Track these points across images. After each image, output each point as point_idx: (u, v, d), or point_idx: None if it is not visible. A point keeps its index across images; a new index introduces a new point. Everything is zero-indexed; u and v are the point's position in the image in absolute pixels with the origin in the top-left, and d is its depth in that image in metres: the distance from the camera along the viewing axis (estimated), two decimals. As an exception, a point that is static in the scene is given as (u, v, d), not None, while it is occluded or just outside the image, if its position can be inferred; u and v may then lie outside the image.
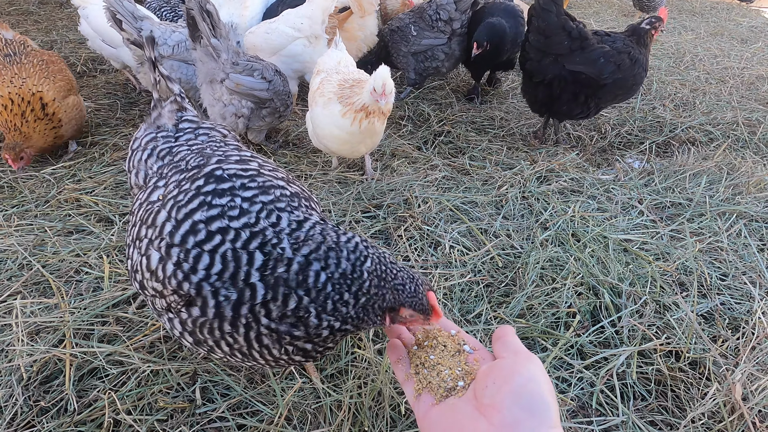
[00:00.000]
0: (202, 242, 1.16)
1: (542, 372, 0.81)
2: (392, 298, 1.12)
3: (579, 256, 2.29)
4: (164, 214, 1.24)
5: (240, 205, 1.22)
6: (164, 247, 1.19)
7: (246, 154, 1.48)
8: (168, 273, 1.17)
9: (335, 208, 2.70)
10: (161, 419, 1.59)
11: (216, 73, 2.92)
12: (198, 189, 1.27)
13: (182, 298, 1.18)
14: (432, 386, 0.90)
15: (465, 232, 2.53)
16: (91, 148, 3.13)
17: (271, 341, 1.18)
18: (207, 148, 1.50)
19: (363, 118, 2.54)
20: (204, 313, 1.17)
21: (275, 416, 1.59)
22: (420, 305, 1.10)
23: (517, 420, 0.74)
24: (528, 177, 2.99)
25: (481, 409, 0.79)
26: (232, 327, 1.17)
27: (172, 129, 1.57)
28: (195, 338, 1.25)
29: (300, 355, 1.23)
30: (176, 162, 1.44)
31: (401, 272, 1.14)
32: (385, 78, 2.41)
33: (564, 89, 3.12)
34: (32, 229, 2.41)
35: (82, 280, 2.11)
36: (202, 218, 1.19)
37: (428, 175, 3.00)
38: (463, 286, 2.18)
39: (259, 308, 1.14)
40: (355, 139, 2.65)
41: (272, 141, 3.38)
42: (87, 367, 1.73)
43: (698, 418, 1.64)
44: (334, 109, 2.60)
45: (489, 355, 0.94)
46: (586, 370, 1.80)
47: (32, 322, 1.86)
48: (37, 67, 2.85)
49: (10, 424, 1.54)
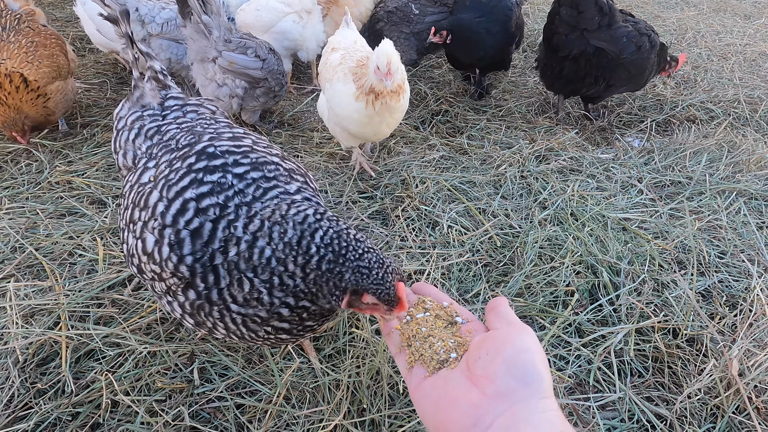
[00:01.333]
0: (190, 221, 1.13)
1: (535, 343, 0.80)
2: (353, 280, 1.01)
3: (578, 235, 2.28)
4: (156, 195, 1.21)
5: (231, 182, 1.18)
6: (158, 229, 1.16)
7: (239, 131, 1.44)
8: (164, 255, 1.15)
9: (332, 188, 2.67)
10: (159, 399, 1.59)
11: (208, 51, 2.84)
12: (189, 167, 1.23)
13: (181, 281, 1.16)
14: (424, 358, 0.89)
15: (463, 212, 2.51)
16: (81, 129, 3.07)
17: (253, 324, 1.17)
18: (197, 126, 1.45)
19: (374, 100, 2.33)
20: (199, 296, 1.16)
21: (274, 396, 1.60)
22: (386, 295, 0.99)
23: (510, 390, 0.73)
24: (527, 156, 2.96)
25: (473, 380, 0.79)
26: (218, 312, 1.16)
27: (157, 107, 1.51)
28: (195, 320, 1.24)
29: (284, 333, 1.21)
30: (166, 141, 1.40)
31: (368, 253, 1.03)
32: (389, 54, 2.19)
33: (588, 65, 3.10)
34: (24, 211, 2.37)
35: (76, 263, 2.08)
36: (192, 196, 1.16)
37: (426, 155, 2.96)
38: (461, 266, 2.17)
39: (227, 295, 1.12)
40: (375, 121, 2.43)
41: (267, 121, 3.32)
42: (83, 349, 1.72)
43: (694, 394, 1.65)
44: (350, 89, 2.39)
45: (482, 326, 0.93)
46: (584, 348, 1.81)
47: (26, 304, 1.84)
48: (23, 49, 2.74)
49: (8, 406, 1.54)
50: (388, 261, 1.05)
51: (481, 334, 0.89)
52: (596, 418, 1.58)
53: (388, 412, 1.55)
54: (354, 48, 2.55)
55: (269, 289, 1.09)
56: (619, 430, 1.58)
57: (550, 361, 1.76)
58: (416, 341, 0.93)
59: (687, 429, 1.55)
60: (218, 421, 1.56)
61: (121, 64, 3.89)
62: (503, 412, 0.71)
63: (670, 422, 1.59)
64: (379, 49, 2.20)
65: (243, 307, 1.13)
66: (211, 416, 1.58)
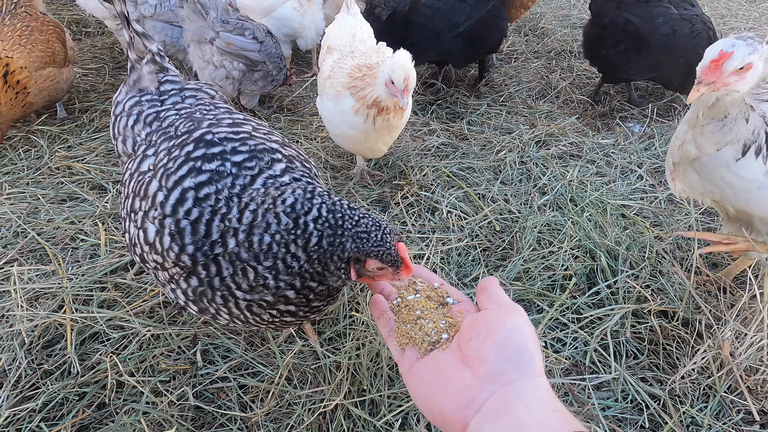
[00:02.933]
0: (189, 211, 1.14)
1: (527, 323, 0.81)
2: (354, 248, 1.02)
3: (577, 220, 2.29)
4: (155, 184, 1.21)
5: (229, 170, 1.18)
6: (158, 219, 1.17)
7: (239, 117, 1.43)
8: (166, 246, 1.15)
9: (332, 173, 2.67)
10: (164, 380, 1.62)
11: (205, 32, 2.81)
12: (188, 155, 1.23)
13: (183, 270, 1.17)
14: (416, 340, 0.89)
15: (463, 197, 2.51)
16: (80, 114, 3.05)
17: (258, 309, 1.18)
18: (197, 112, 1.44)
19: (376, 115, 2.07)
20: (201, 283, 1.17)
21: (276, 376, 1.63)
22: (388, 255, 1.00)
23: (502, 371, 0.74)
24: (527, 142, 2.95)
25: (465, 361, 0.80)
26: (222, 299, 1.17)
27: (155, 92, 1.50)
28: (199, 306, 1.25)
29: (290, 316, 1.22)
30: (165, 128, 1.39)
31: (365, 219, 1.04)
32: (406, 68, 1.87)
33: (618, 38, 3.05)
34: (25, 197, 2.38)
35: (78, 248, 2.10)
36: (191, 185, 1.16)
37: (426, 142, 2.95)
38: (460, 251, 2.19)
39: (230, 282, 1.13)
40: (371, 139, 2.20)
41: (266, 107, 3.30)
42: (88, 332, 1.75)
43: (688, 374, 1.68)
44: (345, 104, 2.12)
45: (473, 306, 0.94)
46: (581, 330, 1.84)
47: (30, 288, 1.86)
48: (17, 32, 2.71)
49: (15, 386, 1.57)
50: (384, 223, 1.05)
51: (472, 314, 0.90)
52: (592, 398, 1.62)
53: (388, 393, 1.58)
54: (352, 46, 2.32)
55: (275, 275, 1.09)
56: (613, 409, 1.61)
57: (547, 343, 1.79)
58: (407, 323, 0.93)
59: (680, 408, 1.59)
60: (222, 401, 1.59)
61: (118, 47, 3.85)
62: (495, 392, 0.72)
63: (664, 401, 1.62)
64: (394, 62, 1.90)
65: (249, 293, 1.14)
66: (215, 396, 1.61)
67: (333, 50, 2.38)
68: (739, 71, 1.43)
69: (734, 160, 1.57)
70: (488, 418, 0.70)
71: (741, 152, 1.56)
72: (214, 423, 1.54)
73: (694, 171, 1.71)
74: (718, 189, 1.68)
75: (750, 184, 1.59)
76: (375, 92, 2.02)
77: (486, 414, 0.71)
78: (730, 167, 1.59)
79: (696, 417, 1.57)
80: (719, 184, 1.65)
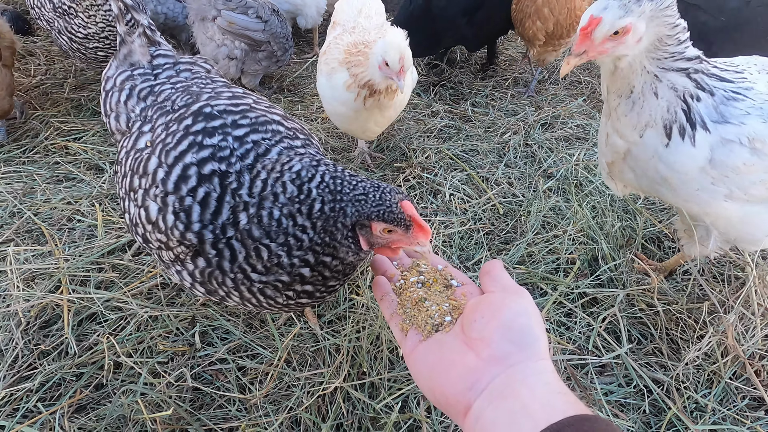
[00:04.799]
0: (194, 189, 1.10)
1: (531, 305, 0.79)
2: (355, 211, 0.99)
3: (577, 209, 2.25)
4: (155, 161, 1.17)
5: (231, 146, 1.14)
6: (160, 196, 1.12)
7: (238, 90, 1.38)
8: (169, 224, 1.12)
9: (332, 155, 2.63)
10: (162, 361, 1.61)
11: (207, 9, 2.73)
12: (187, 129, 1.18)
13: (189, 249, 1.13)
14: (419, 322, 0.87)
15: (466, 179, 2.47)
16: (79, 92, 2.99)
17: (273, 292, 1.15)
18: (193, 86, 1.39)
19: (368, 96, 1.97)
20: (209, 263, 1.13)
21: (275, 359, 1.61)
22: (390, 214, 0.96)
23: (506, 353, 0.73)
24: (532, 124, 2.89)
25: (469, 344, 0.78)
26: (233, 282, 1.14)
27: (147, 66, 1.45)
28: (206, 288, 1.21)
29: (306, 297, 1.19)
30: (161, 103, 1.34)
31: (363, 182, 1.02)
32: (401, 48, 1.75)
33: None
34: (20, 176, 2.34)
35: (75, 228, 2.07)
36: (193, 161, 1.12)
37: (428, 124, 2.89)
38: (463, 234, 2.15)
39: (245, 265, 1.09)
40: (362, 117, 2.11)
41: (266, 87, 3.24)
42: (85, 313, 1.73)
43: (692, 360, 1.66)
44: (338, 80, 2.03)
45: (477, 289, 0.92)
46: (584, 313, 1.81)
47: (27, 268, 1.84)
48: None
49: (12, 366, 1.56)
50: (385, 185, 1.02)
51: (476, 297, 0.88)
52: (594, 382, 1.60)
53: (388, 376, 1.57)
54: (355, 22, 2.22)
55: (288, 252, 1.06)
56: (616, 394, 1.60)
57: (550, 327, 1.77)
58: (410, 305, 0.91)
59: (684, 393, 1.57)
60: (220, 382, 1.58)
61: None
62: (499, 374, 0.71)
63: (667, 387, 1.60)
64: (387, 42, 1.77)
65: (265, 275, 1.10)
66: (213, 378, 1.60)
67: (337, 25, 2.31)
68: (615, 36, 1.25)
69: (663, 146, 1.37)
70: (492, 400, 0.69)
71: (665, 135, 1.36)
72: (212, 404, 1.53)
73: (630, 169, 1.52)
74: (656, 186, 1.49)
75: (685, 180, 1.39)
76: (368, 74, 1.91)
77: (489, 396, 0.69)
78: (662, 156, 1.39)
79: (700, 402, 1.55)
80: (655, 178, 1.46)
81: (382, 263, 1.04)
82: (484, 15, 3.01)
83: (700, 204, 1.45)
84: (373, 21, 2.30)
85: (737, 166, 1.34)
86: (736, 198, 1.40)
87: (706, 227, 1.57)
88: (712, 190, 1.39)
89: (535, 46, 3.00)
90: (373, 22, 2.29)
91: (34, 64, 3.18)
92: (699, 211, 1.49)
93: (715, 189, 1.38)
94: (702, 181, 1.38)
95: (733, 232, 1.52)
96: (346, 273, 1.19)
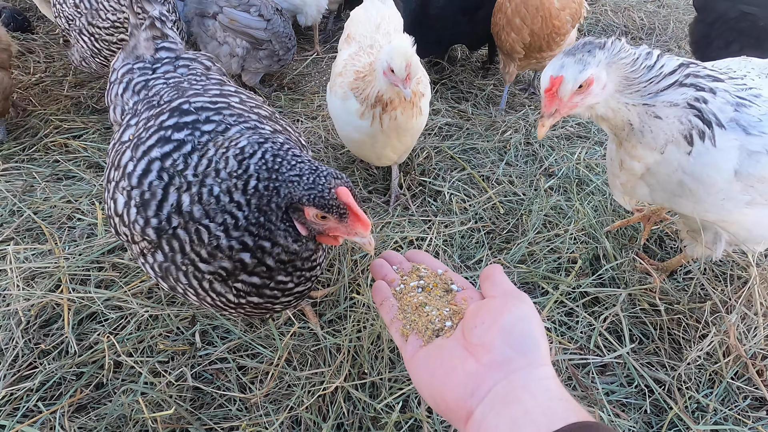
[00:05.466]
0: (153, 184, 1.10)
1: (532, 311, 0.78)
2: (287, 193, 0.95)
3: (578, 208, 2.24)
4: (128, 154, 1.17)
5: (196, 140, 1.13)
6: (127, 190, 1.13)
7: (229, 89, 1.37)
8: (132, 218, 1.12)
9: (333, 153, 2.62)
10: (162, 361, 1.61)
11: (208, 5, 2.71)
12: (161, 124, 1.18)
13: (151, 245, 1.13)
14: (419, 327, 0.86)
15: (466, 179, 2.46)
16: (79, 90, 2.98)
17: (220, 286, 1.12)
18: (185, 82, 1.39)
19: (381, 113, 1.83)
20: (166, 258, 1.12)
21: (275, 358, 1.61)
22: (321, 199, 0.92)
23: (507, 359, 0.72)
24: (533, 122, 2.88)
25: (470, 349, 0.77)
26: (185, 277, 1.13)
27: (150, 59, 1.44)
28: (168, 284, 1.21)
29: (256, 295, 1.15)
30: (150, 97, 1.34)
31: (302, 164, 0.96)
32: (407, 54, 1.65)
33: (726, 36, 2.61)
34: (20, 175, 2.33)
35: (75, 227, 2.07)
36: (157, 155, 1.12)
37: (429, 122, 2.88)
38: (463, 233, 2.14)
39: (192, 255, 1.07)
40: (379, 143, 1.98)
41: (266, 85, 3.23)
42: (85, 312, 1.72)
43: (694, 360, 1.65)
44: (351, 106, 1.93)
45: (477, 294, 0.91)
46: (585, 313, 1.80)
47: (27, 267, 1.83)
48: None
49: (12, 365, 1.56)
50: (324, 168, 0.98)
51: (476, 301, 0.87)
52: (596, 382, 1.60)
53: (389, 376, 1.56)
54: (372, 39, 2.06)
55: (225, 231, 1.03)
56: (617, 394, 1.59)
57: (551, 326, 1.77)
58: (411, 310, 0.90)
59: (686, 393, 1.57)
60: (220, 381, 1.58)
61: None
62: (500, 380, 0.70)
63: (668, 387, 1.60)
64: (392, 48, 1.66)
65: (209, 263, 1.08)
66: (214, 377, 1.60)
67: (352, 40, 2.12)
68: (580, 89, 1.26)
69: (686, 156, 1.35)
70: (493, 406, 0.68)
71: (687, 143, 1.34)
72: (212, 404, 1.52)
73: (645, 184, 1.50)
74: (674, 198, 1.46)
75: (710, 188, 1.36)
76: (376, 87, 1.79)
77: (491, 402, 0.69)
78: (686, 168, 1.36)
79: (701, 402, 1.55)
80: (675, 191, 1.44)
81: (381, 267, 1.03)
82: (484, 14, 2.97)
83: (720, 213, 1.44)
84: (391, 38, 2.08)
85: (764, 176, 1.34)
86: (756, 204, 1.40)
87: (714, 231, 1.56)
88: (738, 200, 1.39)
89: (515, 60, 2.79)
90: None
91: (34, 62, 3.16)
92: (717, 218, 1.47)
93: (740, 198, 1.38)
94: (728, 191, 1.37)
95: (743, 234, 1.52)
96: (298, 268, 1.15)
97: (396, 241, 2.05)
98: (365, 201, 2.35)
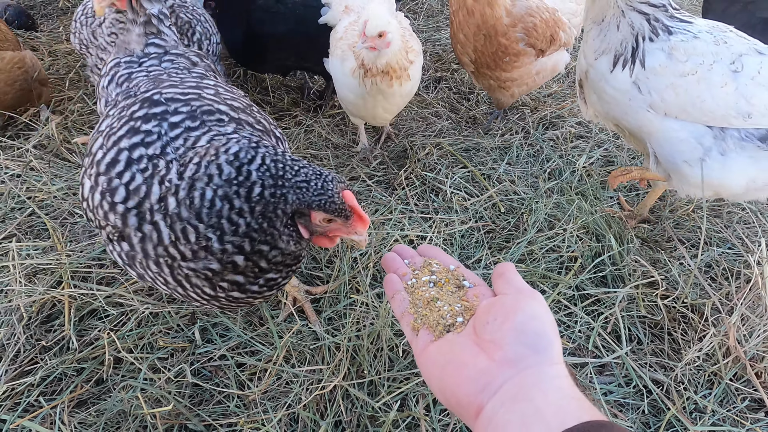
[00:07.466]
0: (121, 173, 1.11)
1: (545, 309, 0.78)
2: (296, 199, 0.96)
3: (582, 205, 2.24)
4: (100, 142, 1.20)
5: (162, 131, 1.14)
6: (94, 176, 1.15)
7: (208, 82, 1.37)
8: (96, 203, 1.14)
9: (335, 151, 2.62)
10: (162, 357, 1.62)
11: None
12: (132, 115, 1.20)
13: (115, 230, 1.14)
14: (430, 322, 0.86)
15: (467, 177, 2.46)
16: (81, 87, 3.00)
17: (199, 280, 1.11)
18: (164, 74, 1.40)
19: (364, 76, 2.01)
20: (132, 247, 1.12)
21: (274, 356, 1.62)
22: (331, 205, 0.95)
23: (519, 356, 0.72)
24: (532, 123, 2.87)
25: (481, 345, 0.77)
26: (156, 266, 1.12)
27: (139, 54, 1.46)
28: (136, 272, 1.21)
29: (237, 290, 1.14)
30: (130, 89, 1.36)
31: (305, 168, 0.98)
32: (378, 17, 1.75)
33: None
34: (22, 171, 2.34)
35: (77, 223, 2.08)
36: (126, 146, 1.14)
37: (430, 120, 2.89)
38: (464, 232, 2.15)
39: (172, 250, 1.07)
40: (369, 103, 2.16)
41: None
42: (87, 308, 1.74)
43: (692, 361, 1.65)
44: (347, 66, 2.09)
45: (489, 291, 0.90)
46: (584, 312, 1.80)
47: (29, 264, 1.85)
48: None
49: (14, 361, 1.57)
50: (327, 172, 1.00)
51: (488, 298, 0.87)
52: (593, 382, 1.60)
53: (387, 375, 1.57)
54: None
55: (220, 236, 1.02)
56: (615, 394, 1.59)
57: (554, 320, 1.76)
58: (422, 304, 0.90)
59: (684, 394, 1.57)
60: (219, 378, 1.59)
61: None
62: (512, 377, 0.70)
63: (666, 388, 1.60)
64: (367, 10, 1.83)
65: (193, 261, 1.06)
66: (212, 374, 1.60)
67: (350, 11, 2.29)
68: None
69: (609, 72, 1.66)
70: (504, 403, 0.68)
71: (612, 63, 1.65)
72: (211, 400, 1.53)
73: (592, 90, 1.79)
74: (607, 106, 1.75)
75: (623, 95, 1.66)
76: (360, 53, 1.98)
77: (502, 399, 0.69)
78: (608, 79, 1.67)
79: (699, 403, 1.55)
80: (605, 99, 1.73)
81: (393, 261, 1.02)
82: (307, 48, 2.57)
83: (631, 114, 1.69)
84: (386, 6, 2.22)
85: (655, 68, 1.61)
86: (656, 108, 1.64)
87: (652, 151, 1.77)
88: (640, 99, 1.65)
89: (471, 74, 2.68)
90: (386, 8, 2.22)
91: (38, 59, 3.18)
92: (634, 125, 1.72)
93: (641, 97, 1.64)
94: (632, 91, 1.66)
95: (660, 150, 1.74)
96: (287, 264, 1.15)
97: (396, 239, 2.05)
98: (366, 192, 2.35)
